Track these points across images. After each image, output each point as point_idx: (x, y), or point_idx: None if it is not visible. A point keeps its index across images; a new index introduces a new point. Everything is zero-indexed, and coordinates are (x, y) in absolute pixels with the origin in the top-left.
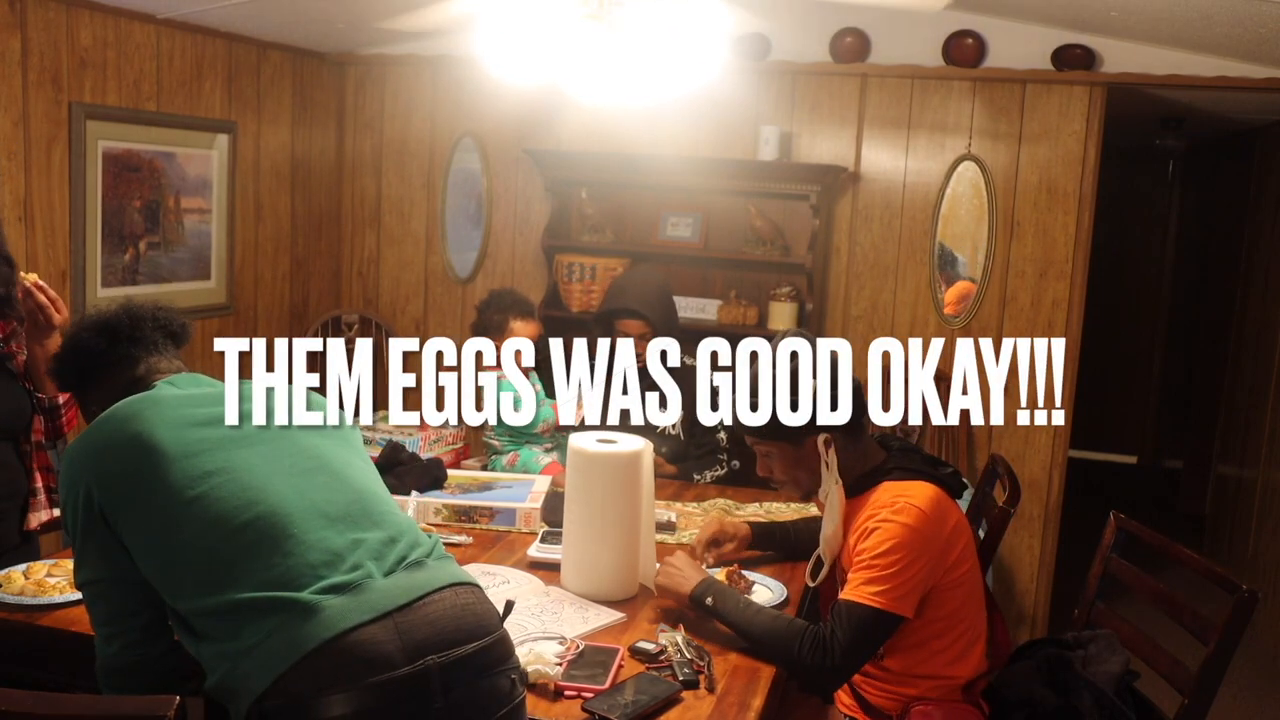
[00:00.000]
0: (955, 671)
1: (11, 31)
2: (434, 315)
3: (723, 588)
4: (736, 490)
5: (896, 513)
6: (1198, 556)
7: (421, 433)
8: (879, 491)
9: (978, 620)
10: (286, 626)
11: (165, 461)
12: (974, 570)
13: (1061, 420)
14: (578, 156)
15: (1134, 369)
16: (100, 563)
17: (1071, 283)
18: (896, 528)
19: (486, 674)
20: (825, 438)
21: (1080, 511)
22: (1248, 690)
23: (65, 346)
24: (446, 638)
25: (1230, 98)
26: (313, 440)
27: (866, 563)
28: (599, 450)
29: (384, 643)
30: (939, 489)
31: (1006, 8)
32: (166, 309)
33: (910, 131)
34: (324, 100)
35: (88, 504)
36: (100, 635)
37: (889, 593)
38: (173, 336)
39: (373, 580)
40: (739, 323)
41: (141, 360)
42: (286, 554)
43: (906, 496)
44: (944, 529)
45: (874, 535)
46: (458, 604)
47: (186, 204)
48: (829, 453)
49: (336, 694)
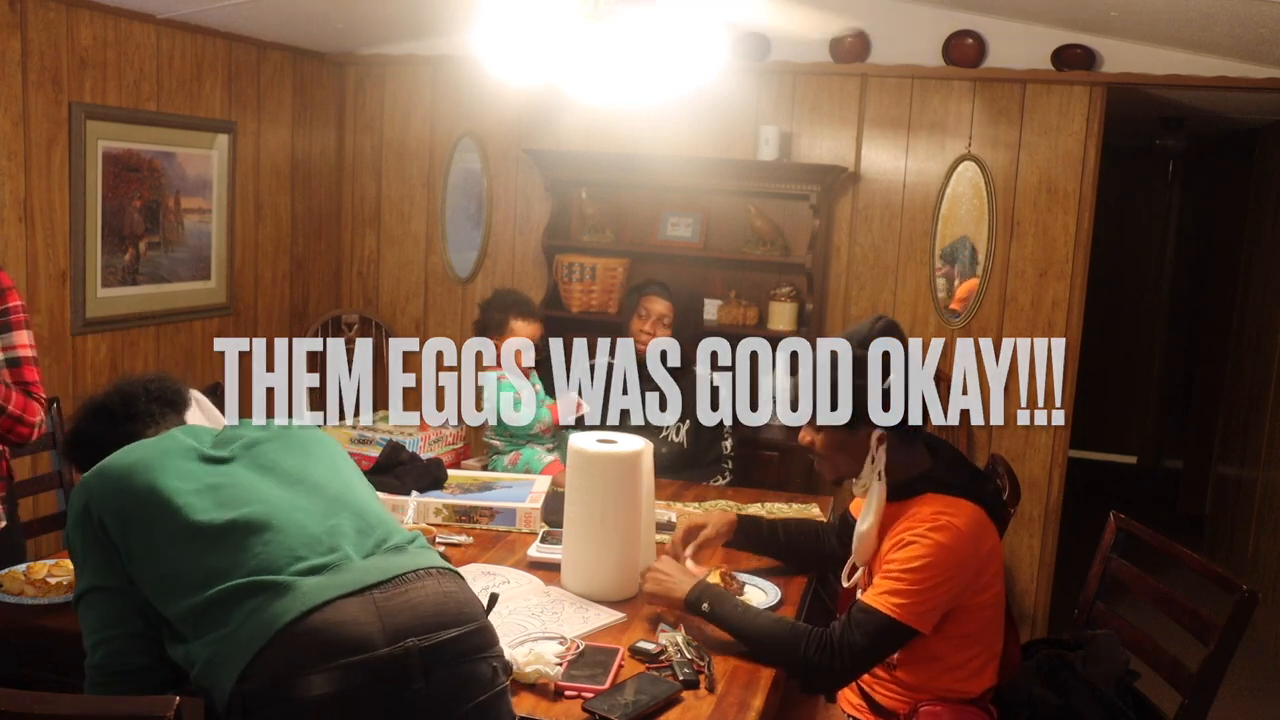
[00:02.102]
0: (967, 688)
1: (11, 31)
2: (434, 315)
3: (718, 591)
4: (738, 491)
5: (936, 530)
6: (1198, 556)
7: (421, 433)
8: (922, 502)
9: (996, 641)
10: (263, 606)
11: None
12: (1000, 594)
13: (1061, 420)
14: (578, 156)
15: (1134, 369)
16: (101, 571)
17: (1071, 283)
18: (933, 545)
19: (467, 659)
20: (880, 434)
21: (1080, 511)
22: (1248, 690)
23: (69, 438)
24: (428, 621)
25: (1230, 98)
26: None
27: (895, 574)
28: (599, 450)
29: (364, 623)
30: (982, 510)
31: (1006, 8)
32: (159, 379)
33: (910, 131)
34: (324, 100)
35: (90, 520)
36: (88, 644)
37: (911, 606)
38: (170, 404)
39: (350, 561)
40: (739, 323)
41: (141, 435)
42: (266, 542)
43: (949, 515)
44: (980, 552)
45: (910, 548)
46: (440, 590)
47: (186, 204)
48: (879, 449)
49: (315, 674)
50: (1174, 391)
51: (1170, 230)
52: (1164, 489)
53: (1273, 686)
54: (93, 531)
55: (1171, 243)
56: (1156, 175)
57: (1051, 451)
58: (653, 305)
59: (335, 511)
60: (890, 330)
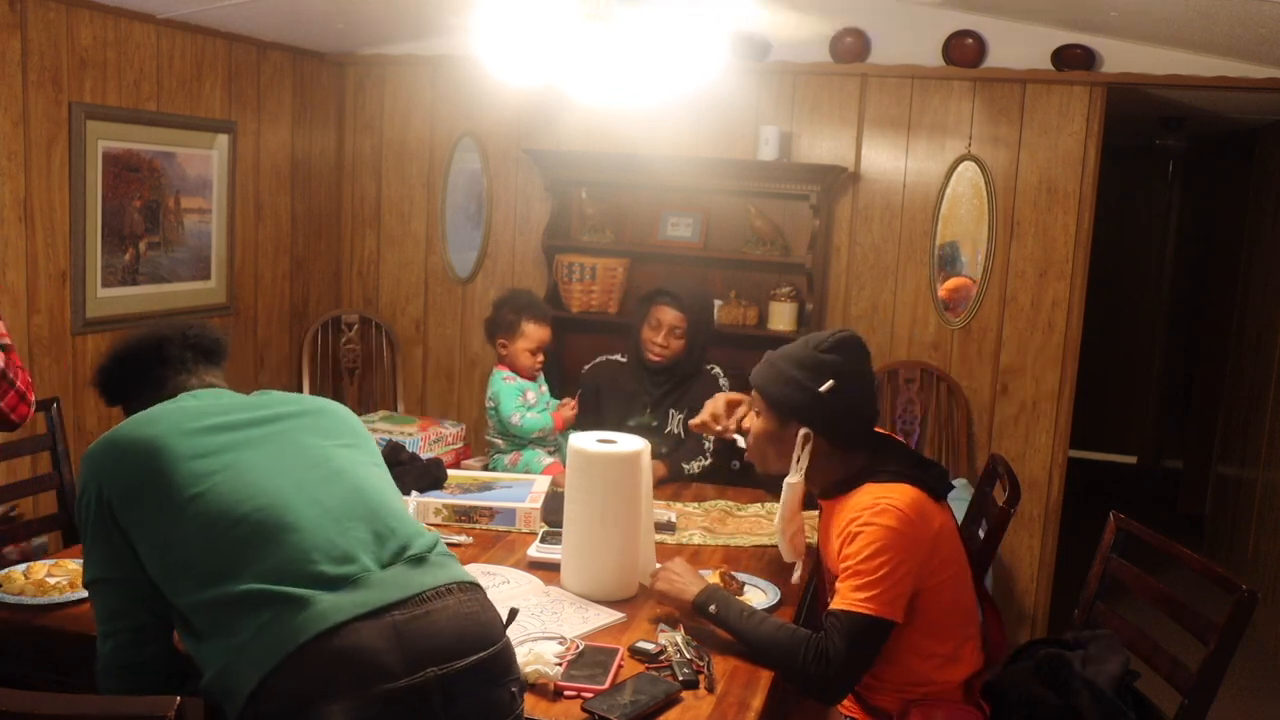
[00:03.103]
0: (946, 676)
1: (11, 31)
2: (434, 315)
3: (725, 595)
4: (738, 491)
5: (877, 515)
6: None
7: (421, 433)
8: (860, 493)
9: (965, 624)
10: (278, 620)
11: (172, 462)
12: (959, 575)
13: (1062, 420)
14: (578, 156)
15: (1134, 369)
16: (106, 562)
17: (1071, 283)
18: (879, 530)
19: (487, 686)
20: (806, 433)
21: (1080, 511)
22: (1248, 690)
23: (99, 372)
24: (449, 649)
25: (1230, 98)
26: (319, 442)
27: (853, 569)
28: (599, 450)
29: (382, 651)
30: (921, 492)
31: (1006, 8)
32: (200, 326)
33: (910, 131)
34: (324, 100)
35: (98, 502)
36: (100, 634)
37: (879, 597)
38: (206, 354)
39: (369, 574)
40: (739, 323)
41: (170, 379)
42: (281, 544)
43: (887, 499)
44: (927, 531)
45: (858, 540)
46: (461, 613)
47: (186, 204)
48: (804, 449)
49: (334, 703)
50: (1174, 391)
51: (1170, 230)
52: (1164, 489)
53: (1273, 686)
54: (101, 517)
55: (1171, 243)
56: (1156, 175)
57: (1051, 451)
58: (663, 316)
59: (353, 508)
60: (849, 341)
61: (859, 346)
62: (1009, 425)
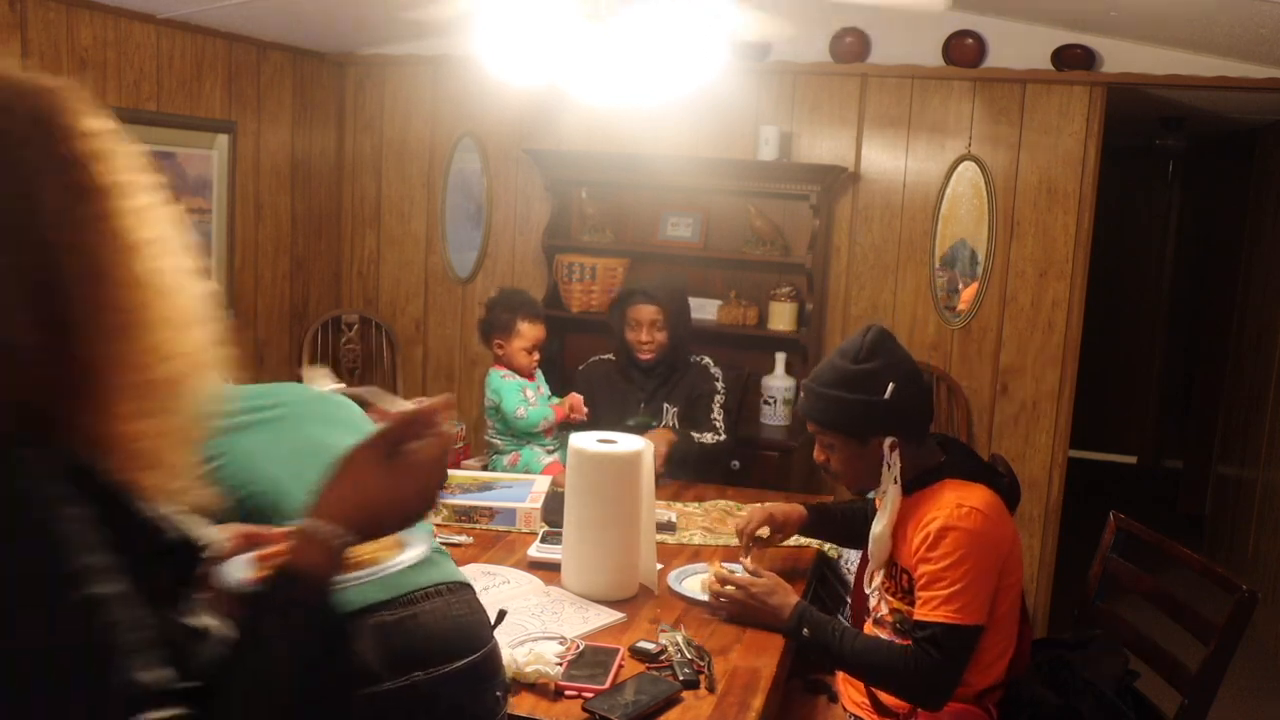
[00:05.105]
0: (975, 679)
1: (11, 31)
2: (434, 315)
3: (815, 616)
4: (738, 491)
5: (961, 518)
6: (1198, 556)
7: None
8: (941, 489)
9: (1012, 632)
10: None
11: None
12: (1015, 586)
13: (1062, 420)
14: (578, 156)
15: (1134, 369)
16: None
17: (1071, 283)
18: (963, 535)
19: (472, 690)
20: (891, 441)
21: (1080, 511)
22: (1248, 690)
23: None
24: (435, 654)
25: (1230, 98)
26: (318, 429)
27: (938, 573)
28: (599, 450)
29: (367, 654)
30: (998, 496)
31: (1006, 8)
32: None
33: (910, 131)
34: (324, 100)
35: None
36: None
37: (968, 605)
38: None
39: None
40: (739, 323)
41: None
42: None
43: (970, 501)
44: (1006, 532)
45: (942, 544)
46: (449, 616)
47: (186, 204)
48: (893, 455)
49: None
50: (1174, 391)
51: (1170, 230)
52: (1164, 489)
53: (1273, 686)
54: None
55: (1171, 243)
56: (1156, 175)
57: (1051, 451)
58: (641, 315)
59: None
60: (881, 339)
61: (888, 338)
62: (1009, 425)
